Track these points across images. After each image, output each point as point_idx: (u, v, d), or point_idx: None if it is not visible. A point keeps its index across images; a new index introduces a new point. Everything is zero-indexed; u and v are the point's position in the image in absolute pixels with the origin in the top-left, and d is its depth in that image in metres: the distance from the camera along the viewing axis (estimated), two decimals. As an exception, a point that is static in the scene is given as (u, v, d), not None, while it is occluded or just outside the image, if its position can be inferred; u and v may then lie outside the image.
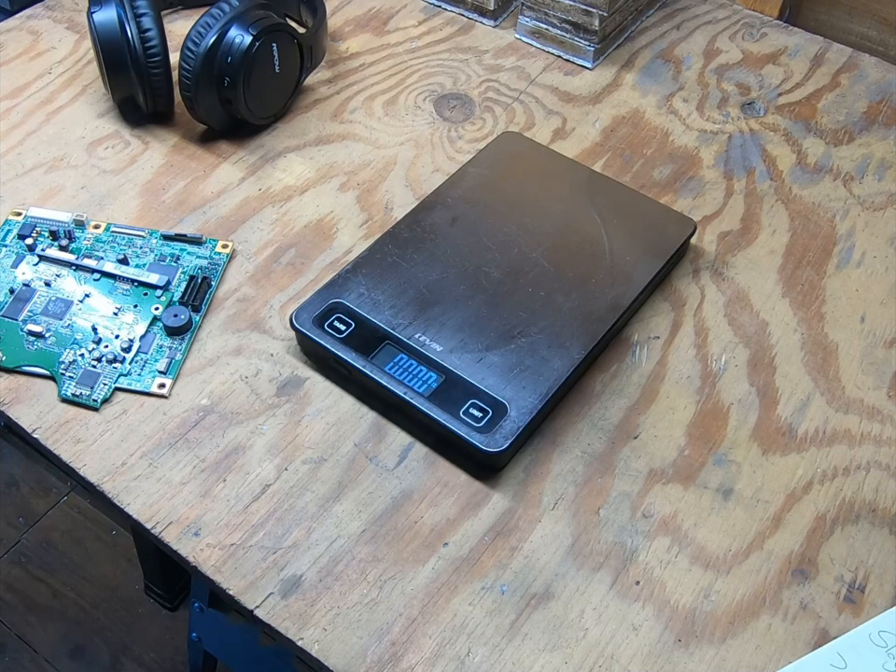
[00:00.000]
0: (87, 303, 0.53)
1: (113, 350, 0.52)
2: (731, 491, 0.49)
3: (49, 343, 0.52)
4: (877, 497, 0.49)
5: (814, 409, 0.52)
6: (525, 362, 0.51)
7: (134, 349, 0.52)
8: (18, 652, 1.16)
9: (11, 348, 0.51)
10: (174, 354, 0.52)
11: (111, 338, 0.52)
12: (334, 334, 0.51)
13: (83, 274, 0.55)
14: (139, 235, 0.57)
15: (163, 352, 0.52)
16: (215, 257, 0.57)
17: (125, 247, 0.57)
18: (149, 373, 0.51)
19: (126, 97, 0.65)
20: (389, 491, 0.48)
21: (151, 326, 0.53)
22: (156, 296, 0.54)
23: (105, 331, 0.52)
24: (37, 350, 0.51)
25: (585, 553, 0.46)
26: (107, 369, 0.51)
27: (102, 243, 0.57)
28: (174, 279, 0.55)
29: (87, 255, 0.56)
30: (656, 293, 0.58)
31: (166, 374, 0.51)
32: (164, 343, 0.52)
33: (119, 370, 0.51)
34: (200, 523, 0.46)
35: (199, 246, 0.57)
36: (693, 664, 0.43)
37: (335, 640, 0.43)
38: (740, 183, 0.65)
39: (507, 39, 0.75)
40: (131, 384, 0.51)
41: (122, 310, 0.53)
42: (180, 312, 0.53)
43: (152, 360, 0.52)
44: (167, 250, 0.57)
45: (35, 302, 0.53)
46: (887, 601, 0.45)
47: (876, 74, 0.74)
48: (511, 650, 0.43)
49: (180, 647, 1.15)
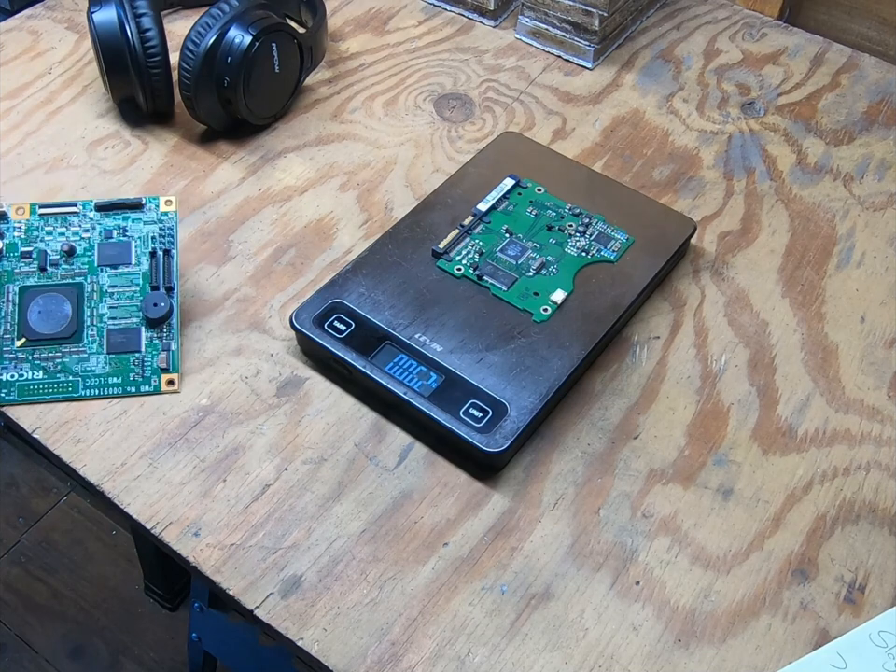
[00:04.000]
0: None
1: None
2: (731, 491, 0.49)
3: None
4: (877, 497, 0.49)
5: (814, 409, 0.52)
6: (524, 362, 0.51)
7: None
8: (18, 652, 1.16)
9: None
10: (168, 345, 0.50)
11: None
12: (334, 334, 0.51)
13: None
14: (72, 212, 0.52)
15: (157, 345, 0.50)
16: (163, 219, 0.52)
17: (63, 228, 0.51)
18: (152, 373, 0.50)
19: (126, 97, 0.65)
20: (389, 491, 0.48)
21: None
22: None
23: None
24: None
25: (585, 553, 0.46)
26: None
27: (35, 231, 0.51)
28: (131, 258, 0.50)
29: (25, 251, 0.50)
30: (656, 293, 0.58)
31: (169, 370, 0.50)
32: (153, 336, 0.50)
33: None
34: (200, 523, 0.46)
35: (141, 211, 0.52)
36: (693, 664, 0.43)
37: (335, 640, 0.43)
38: (740, 183, 0.65)
39: (507, 39, 0.75)
40: (138, 390, 0.50)
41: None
42: (159, 299, 0.49)
43: (150, 357, 0.50)
44: (110, 222, 0.52)
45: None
46: (887, 601, 0.45)
47: (876, 74, 0.74)
48: (511, 650, 0.43)
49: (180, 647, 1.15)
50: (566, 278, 0.55)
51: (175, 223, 0.52)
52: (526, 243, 0.56)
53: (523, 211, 0.58)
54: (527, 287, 0.54)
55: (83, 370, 0.49)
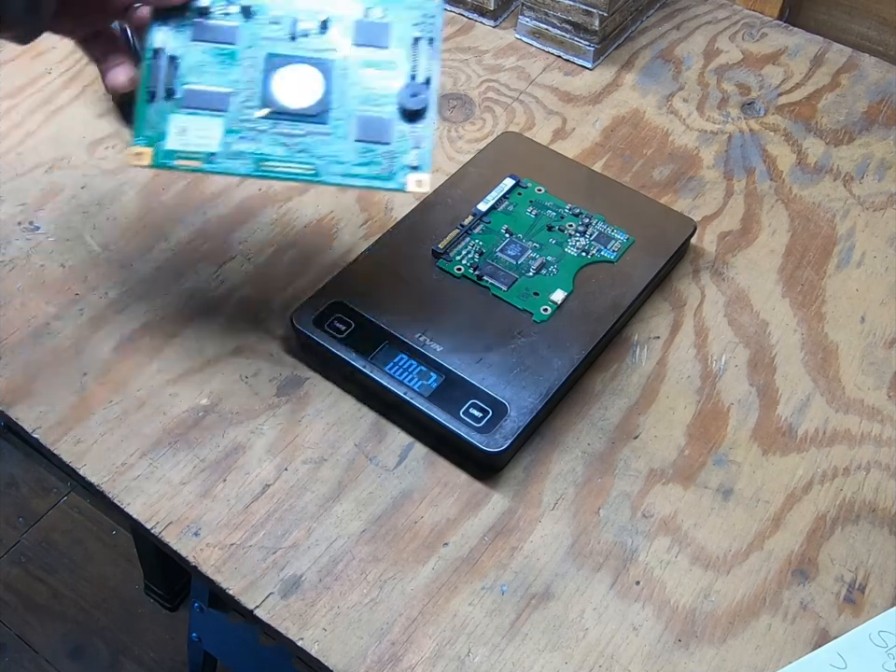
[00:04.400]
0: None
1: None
2: (731, 491, 0.49)
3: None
4: (877, 497, 0.49)
5: (814, 409, 0.52)
6: (524, 362, 0.51)
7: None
8: (18, 652, 1.16)
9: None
10: (418, 142, 0.44)
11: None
12: (334, 334, 0.51)
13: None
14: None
15: (408, 141, 0.44)
16: (426, 5, 0.45)
17: (323, 2, 0.45)
18: (400, 169, 0.44)
19: (126, 97, 0.65)
20: (389, 491, 0.48)
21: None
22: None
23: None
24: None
25: (585, 552, 0.46)
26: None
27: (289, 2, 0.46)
28: (388, 42, 0.45)
29: (275, 19, 0.45)
30: (656, 293, 0.58)
31: (419, 169, 0.44)
32: (405, 130, 0.44)
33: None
34: (200, 523, 0.46)
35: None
36: (693, 664, 0.43)
37: (335, 640, 0.43)
38: (740, 183, 0.65)
39: (507, 39, 0.75)
40: (382, 185, 0.44)
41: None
42: (418, 90, 0.44)
43: (400, 151, 0.44)
44: (368, 1, 0.46)
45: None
46: (887, 601, 0.45)
47: (876, 74, 0.74)
48: (511, 650, 0.43)
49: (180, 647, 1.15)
50: (566, 278, 0.55)
51: (440, 12, 0.46)
52: (526, 243, 0.56)
53: (523, 211, 0.58)
54: (527, 287, 0.54)
55: (328, 153, 0.44)
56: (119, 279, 0.57)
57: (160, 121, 0.44)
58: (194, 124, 0.44)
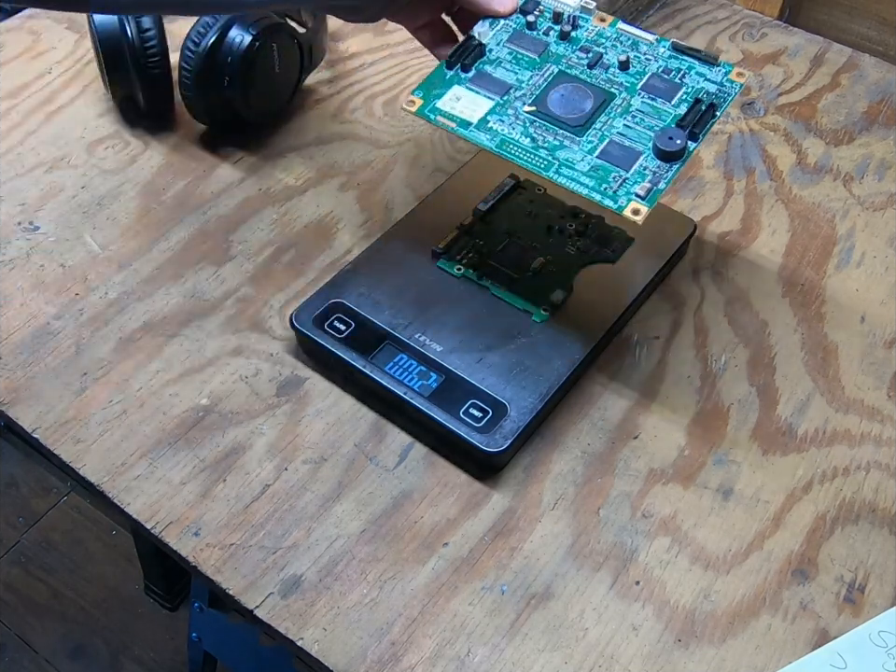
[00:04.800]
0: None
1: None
2: (731, 491, 0.49)
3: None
4: (877, 497, 0.49)
5: (814, 409, 0.52)
6: (524, 362, 0.51)
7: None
8: (18, 652, 1.16)
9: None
10: (657, 180, 0.46)
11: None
12: (334, 334, 0.51)
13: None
14: (646, 39, 0.52)
15: (646, 175, 0.46)
16: (726, 84, 0.49)
17: (628, 48, 0.51)
18: (625, 194, 0.46)
19: (126, 97, 0.65)
20: (389, 491, 0.48)
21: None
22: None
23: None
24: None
25: (585, 552, 0.46)
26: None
27: (604, 38, 0.52)
28: (673, 98, 0.49)
29: (585, 47, 0.51)
30: (656, 293, 0.58)
31: (644, 200, 0.45)
32: (649, 167, 0.47)
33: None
34: (200, 523, 0.46)
35: (710, 67, 0.50)
36: (692, 664, 0.43)
37: (335, 640, 0.43)
38: (740, 183, 0.65)
39: (507, 39, 0.75)
40: (601, 199, 0.46)
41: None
42: (677, 135, 0.47)
43: (632, 181, 0.46)
44: (675, 63, 0.51)
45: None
46: (887, 601, 0.45)
47: (876, 74, 0.74)
48: (511, 650, 0.43)
49: (180, 647, 1.15)
50: (566, 278, 0.55)
51: (736, 93, 0.49)
52: (526, 243, 0.56)
53: (523, 211, 0.58)
54: (527, 287, 0.54)
55: (565, 157, 0.47)
56: (119, 279, 0.57)
57: (443, 85, 0.50)
58: (468, 97, 0.50)
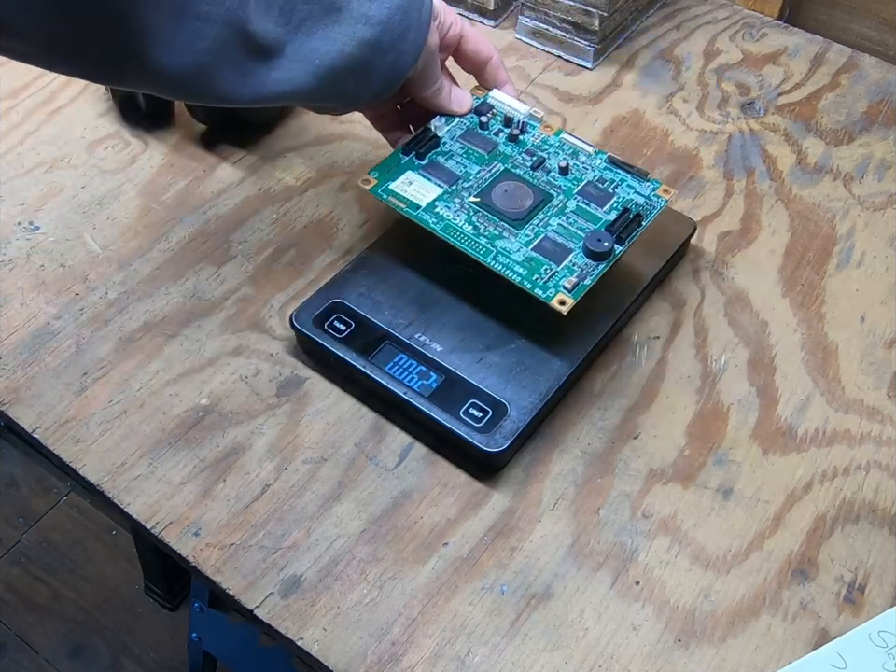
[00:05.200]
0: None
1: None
2: (731, 491, 0.49)
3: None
4: (877, 497, 0.49)
5: (814, 409, 0.52)
6: (524, 362, 0.51)
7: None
8: (18, 652, 1.16)
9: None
10: (584, 276, 0.50)
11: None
12: (334, 334, 0.51)
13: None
14: (586, 150, 0.57)
15: (574, 271, 0.50)
16: (653, 199, 0.54)
17: (569, 156, 0.56)
18: (554, 286, 0.50)
19: (126, 97, 0.65)
20: (389, 491, 0.48)
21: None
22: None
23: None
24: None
25: (585, 552, 0.46)
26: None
27: (548, 145, 0.57)
28: (605, 205, 0.54)
29: (530, 150, 0.56)
30: (656, 293, 0.58)
31: (570, 293, 0.49)
32: (578, 263, 0.51)
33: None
34: (200, 523, 0.46)
35: (640, 182, 0.55)
36: (692, 664, 0.43)
37: (335, 640, 0.43)
38: (740, 183, 0.65)
39: (507, 39, 0.75)
40: (531, 288, 0.50)
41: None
42: (605, 238, 0.51)
43: (561, 275, 0.50)
44: (609, 174, 0.55)
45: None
46: (887, 601, 0.45)
47: (876, 74, 0.74)
48: (511, 650, 0.43)
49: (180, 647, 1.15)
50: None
51: (659, 209, 0.54)
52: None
53: (523, 211, 0.59)
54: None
55: (502, 247, 0.51)
56: (119, 279, 0.57)
57: (398, 169, 0.55)
58: (420, 183, 0.54)
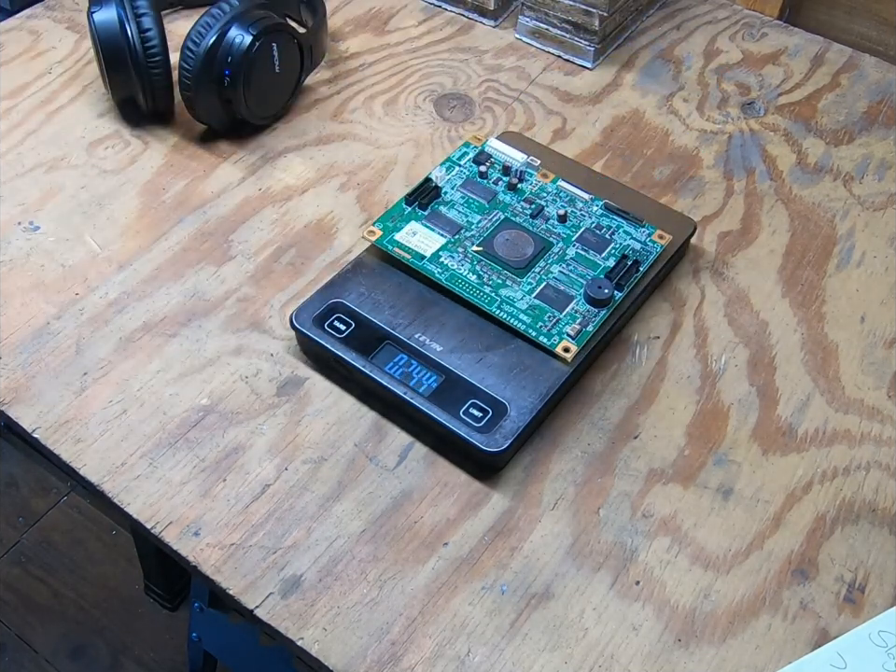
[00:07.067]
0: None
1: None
2: (731, 491, 0.49)
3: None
4: (877, 497, 0.49)
5: (814, 409, 0.52)
6: (524, 362, 0.51)
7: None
8: (18, 652, 1.16)
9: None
10: (586, 323, 0.52)
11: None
12: (334, 334, 0.51)
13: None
14: (582, 197, 0.58)
15: (577, 318, 0.52)
16: (649, 244, 0.56)
17: (566, 204, 0.58)
18: (558, 334, 0.51)
19: (126, 97, 0.65)
20: (389, 491, 0.48)
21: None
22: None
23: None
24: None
25: (585, 552, 0.46)
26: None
27: (546, 192, 0.59)
28: (603, 251, 0.55)
29: (529, 199, 0.58)
30: (656, 293, 0.58)
31: (574, 340, 0.51)
32: (580, 310, 0.52)
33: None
34: (200, 523, 0.46)
35: (636, 228, 0.57)
36: (692, 664, 0.43)
37: (335, 640, 0.43)
38: (740, 183, 0.65)
39: (507, 39, 0.75)
40: (536, 336, 0.51)
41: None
42: (605, 285, 0.52)
43: (564, 322, 0.52)
44: (606, 221, 0.57)
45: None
46: (887, 601, 0.45)
47: (876, 74, 0.74)
48: (511, 650, 0.43)
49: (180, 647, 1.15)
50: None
51: (655, 254, 0.56)
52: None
53: (523, 211, 0.59)
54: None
55: (506, 295, 0.53)
56: (119, 279, 0.57)
57: (402, 220, 0.56)
58: (423, 233, 0.56)
